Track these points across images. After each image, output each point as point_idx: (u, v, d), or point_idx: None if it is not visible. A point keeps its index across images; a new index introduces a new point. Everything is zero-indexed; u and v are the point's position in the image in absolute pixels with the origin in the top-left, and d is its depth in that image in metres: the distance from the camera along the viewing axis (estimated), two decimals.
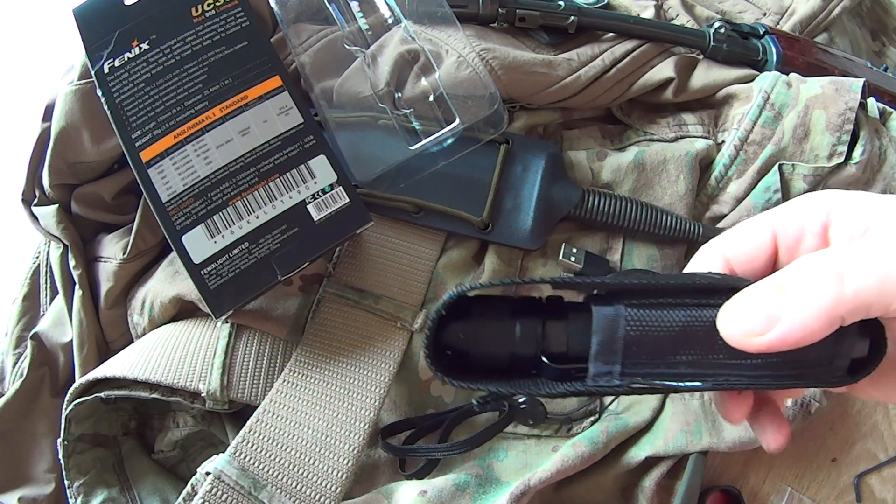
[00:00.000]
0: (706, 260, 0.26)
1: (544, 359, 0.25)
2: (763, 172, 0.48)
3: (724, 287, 0.23)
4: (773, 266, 0.26)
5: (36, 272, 0.51)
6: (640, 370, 0.23)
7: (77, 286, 0.46)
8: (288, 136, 0.41)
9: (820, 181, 0.47)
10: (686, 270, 0.27)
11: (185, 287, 0.42)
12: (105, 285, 0.45)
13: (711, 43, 0.51)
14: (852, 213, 0.23)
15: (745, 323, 0.21)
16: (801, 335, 0.21)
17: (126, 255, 0.45)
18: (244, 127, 0.40)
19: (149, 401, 0.44)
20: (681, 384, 0.23)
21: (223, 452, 0.38)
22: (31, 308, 0.50)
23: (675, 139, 0.51)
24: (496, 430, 0.44)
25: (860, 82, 0.48)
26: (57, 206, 0.46)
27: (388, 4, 0.47)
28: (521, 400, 0.45)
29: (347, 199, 0.41)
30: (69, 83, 0.42)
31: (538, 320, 0.26)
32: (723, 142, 0.50)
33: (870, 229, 0.22)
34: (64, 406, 0.41)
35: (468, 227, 0.46)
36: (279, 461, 0.39)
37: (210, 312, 0.39)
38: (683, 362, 0.23)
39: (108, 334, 0.47)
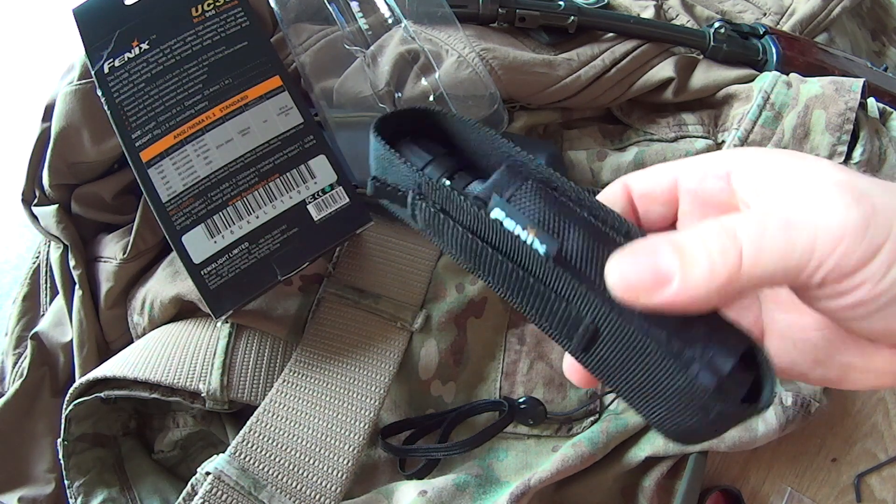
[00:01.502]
0: (611, 190, 0.25)
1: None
2: None
3: (622, 225, 0.22)
4: (672, 212, 0.25)
5: (36, 272, 0.51)
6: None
7: (77, 286, 0.46)
8: (288, 136, 0.41)
9: None
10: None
11: (185, 287, 0.42)
12: (105, 285, 0.45)
13: (711, 43, 0.51)
14: (759, 160, 0.22)
15: (634, 276, 0.20)
16: (691, 300, 0.19)
17: (126, 255, 0.45)
18: (244, 127, 0.40)
19: (149, 401, 0.44)
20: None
21: (223, 452, 0.38)
22: (31, 308, 0.50)
23: (675, 139, 0.51)
24: (496, 430, 0.44)
25: (860, 82, 0.48)
26: (57, 206, 0.46)
27: (388, 4, 0.47)
28: (521, 400, 0.45)
29: (347, 199, 0.41)
30: (69, 83, 0.42)
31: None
32: (723, 142, 0.50)
33: (776, 179, 0.21)
34: (64, 406, 0.41)
35: None
36: (279, 461, 0.39)
37: (210, 312, 0.39)
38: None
39: (108, 334, 0.47)
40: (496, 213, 0.22)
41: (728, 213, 0.21)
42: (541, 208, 0.22)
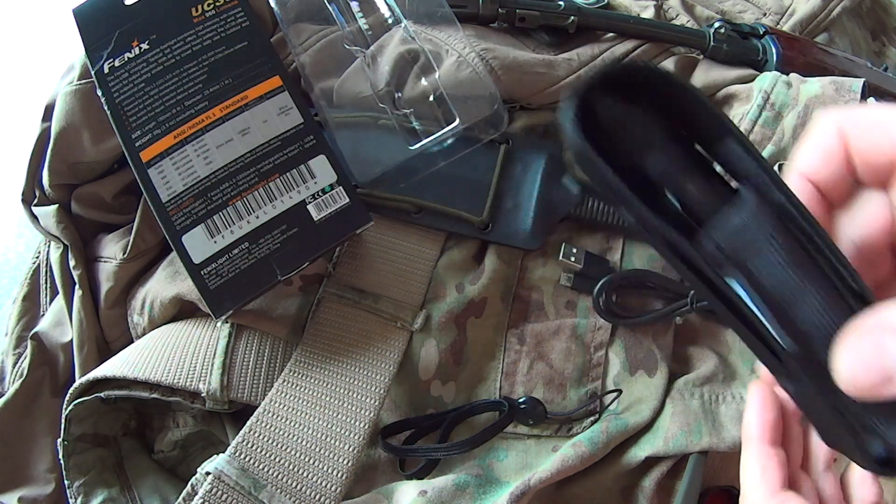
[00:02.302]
0: (824, 139, 0.22)
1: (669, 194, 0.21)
2: None
3: (856, 283, 0.20)
4: (848, 168, 0.22)
5: (36, 272, 0.51)
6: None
7: (77, 286, 0.46)
8: (288, 136, 0.41)
9: None
10: (801, 147, 0.23)
11: (185, 287, 0.42)
12: (105, 285, 0.45)
13: (711, 43, 0.51)
14: None
15: (863, 375, 0.19)
16: None
17: (126, 255, 0.45)
18: (244, 127, 0.40)
19: (149, 401, 0.44)
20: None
21: (223, 452, 0.38)
22: (31, 308, 0.50)
23: None
24: (496, 430, 0.44)
25: (860, 82, 0.48)
26: (57, 206, 0.46)
27: (388, 4, 0.47)
28: (521, 400, 0.45)
29: (347, 199, 0.41)
30: (69, 83, 0.42)
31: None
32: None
33: None
34: (64, 406, 0.41)
35: (468, 227, 0.46)
36: (279, 461, 0.39)
37: (210, 313, 0.39)
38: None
39: (108, 334, 0.47)
40: (735, 287, 0.21)
41: None
42: (785, 282, 0.20)
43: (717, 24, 0.52)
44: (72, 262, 0.46)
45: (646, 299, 0.48)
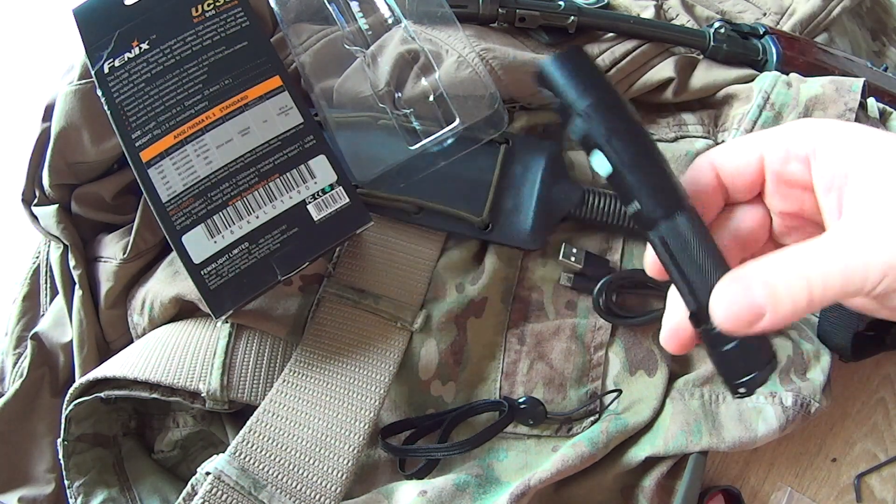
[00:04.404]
0: (699, 169, 0.28)
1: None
2: None
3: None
4: (759, 184, 0.28)
5: (36, 272, 0.51)
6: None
7: (77, 286, 0.46)
8: (288, 136, 0.41)
9: None
10: (683, 178, 0.28)
11: (185, 287, 0.42)
12: (105, 285, 0.45)
13: (711, 43, 0.51)
14: (836, 150, 0.25)
15: (736, 311, 0.24)
16: (777, 328, 0.24)
17: (126, 255, 0.45)
18: (244, 127, 0.40)
19: (149, 401, 0.44)
20: None
21: (223, 452, 0.38)
22: (31, 308, 0.50)
23: (675, 139, 0.51)
24: (496, 430, 0.44)
25: (860, 82, 0.48)
26: (57, 206, 0.46)
27: (388, 4, 0.47)
28: (521, 400, 0.45)
29: (347, 199, 0.41)
30: (69, 83, 0.42)
31: None
32: (723, 142, 0.50)
33: (849, 176, 0.24)
34: (64, 406, 0.41)
35: (468, 227, 0.46)
36: (279, 461, 0.39)
37: (210, 312, 0.39)
38: None
39: (108, 334, 0.47)
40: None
41: (807, 196, 0.26)
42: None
43: (717, 24, 0.52)
44: (72, 262, 0.46)
45: (645, 299, 0.48)
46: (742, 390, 0.27)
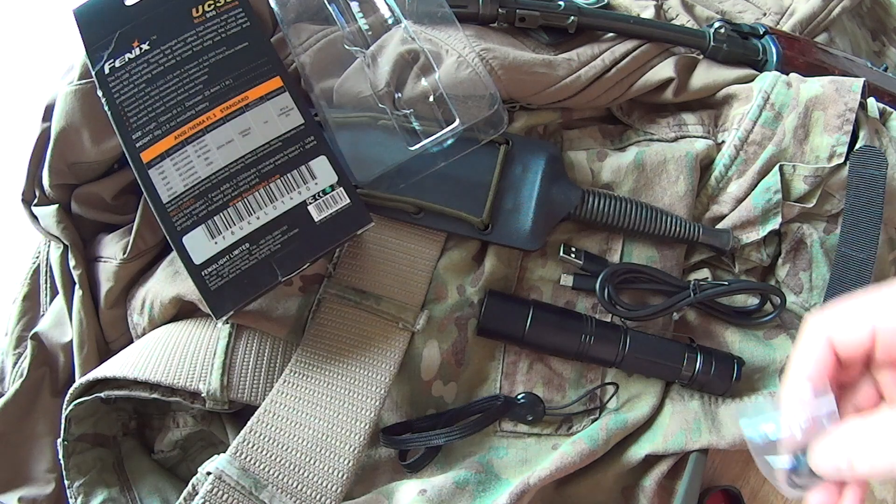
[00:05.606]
0: (814, 346, 0.29)
1: None
2: (763, 173, 0.48)
3: None
4: (868, 357, 0.29)
5: (36, 272, 0.51)
6: None
7: (77, 286, 0.46)
8: (288, 136, 0.41)
9: (820, 182, 0.47)
10: (796, 353, 0.30)
11: (185, 287, 0.42)
12: (105, 285, 0.45)
13: (711, 43, 0.51)
14: None
15: (837, 461, 0.27)
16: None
17: (126, 255, 0.45)
18: (245, 128, 0.40)
19: (149, 401, 0.44)
20: None
21: (223, 452, 0.38)
22: (31, 308, 0.50)
23: (676, 139, 0.51)
24: (495, 416, 0.44)
25: (860, 82, 0.48)
26: (57, 206, 0.46)
27: (388, 4, 0.47)
28: (520, 397, 0.45)
29: (348, 200, 0.41)
30: (69, 83, 0.42)
31: None
32: (723, 142, 0.50)
33: None
34: (64, 406, 0.41)
35: (468, 228, 0.46)
36: (280, 461, 0.39)
37: (210, 313, 0.39)
38: None
39: (108, 334, 0.47)
40: None
41: None
42: None
43: (717, 24, 0.52)
44: (72, 262, 0.46)
45: (645, 297, 0.49)
46: None
